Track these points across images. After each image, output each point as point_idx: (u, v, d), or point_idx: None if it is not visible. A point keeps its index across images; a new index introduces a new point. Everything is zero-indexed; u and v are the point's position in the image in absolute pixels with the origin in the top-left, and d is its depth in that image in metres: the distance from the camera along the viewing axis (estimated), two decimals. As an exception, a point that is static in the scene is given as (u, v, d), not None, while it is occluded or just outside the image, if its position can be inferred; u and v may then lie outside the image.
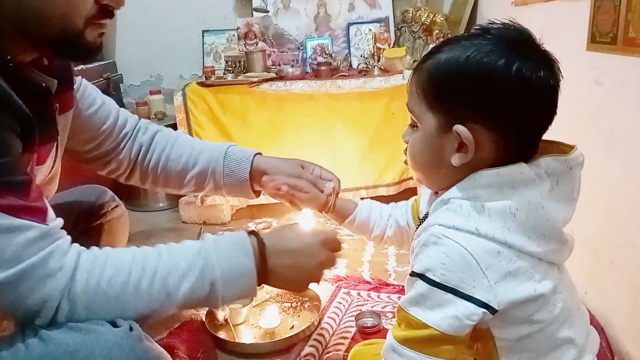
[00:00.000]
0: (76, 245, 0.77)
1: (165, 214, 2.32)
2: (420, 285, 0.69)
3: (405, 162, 0.79)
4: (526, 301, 0.68)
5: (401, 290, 1.51)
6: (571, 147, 0.72)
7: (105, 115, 1.09)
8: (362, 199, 2.06)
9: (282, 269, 0.86)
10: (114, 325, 0.73)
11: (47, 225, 0.73)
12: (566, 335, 0.72)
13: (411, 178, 2.04)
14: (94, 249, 0.78)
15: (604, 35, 1.15)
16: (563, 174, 0.70)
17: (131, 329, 0.74)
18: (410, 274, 0.72)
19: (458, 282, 0.66)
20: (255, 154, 1.10)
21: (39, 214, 0.72)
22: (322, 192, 1.03)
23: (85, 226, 1.23)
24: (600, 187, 1.14)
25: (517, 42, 0.67)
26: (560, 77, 0.69)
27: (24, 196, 0.70)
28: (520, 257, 0.67)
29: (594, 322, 1.01)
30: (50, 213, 0.75)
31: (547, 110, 0.69)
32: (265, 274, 0.84)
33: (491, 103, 0.67)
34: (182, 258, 0.80)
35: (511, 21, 0.70)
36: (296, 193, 1.02)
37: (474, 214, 0.67)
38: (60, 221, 0.77)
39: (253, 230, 0.88)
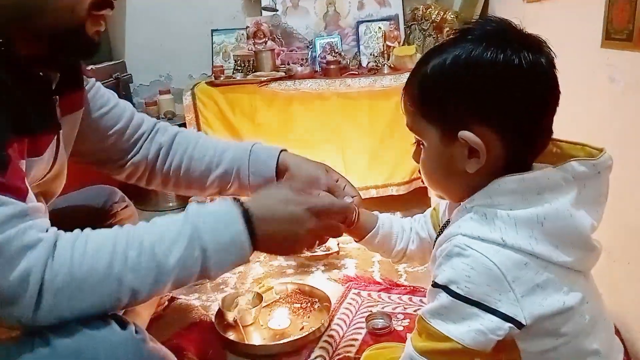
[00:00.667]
0: (55, 227, 0.73)
1: (175, 213, 2.31)
2: (444, 297, 0.66)
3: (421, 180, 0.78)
4: (554, 314, 0.65)
5: (412, 291, 1.50)
6: (599, 150, 0.69)
7: (117, 116, 1.09)
8: (372, 198, 2.06)
9: (271, 235, 0.81)
10: (121, 326, 0.72)
11: (26, 204, 0.70)
12: (592, 347, 0.69)
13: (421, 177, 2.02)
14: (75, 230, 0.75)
15: (619, 32, 1.13)
16: (591, 178, 0.68)
17: (136, 332, 0.73)
18: (432, 285, 0.70)
19: (483, 296, 0.64)
20: (281, 151, 1.08)
21: (18, 194, 0.70)
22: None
23: (95, 227, 1.23)
24: (614, 187, 1.11)
25: (497, 34, 0.66)
26: (552, 54, 0.67)
27: (2, 174, 0.67)
28: (547, 268, 0.65)
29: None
30: (31, 196, 0.73)
31: (547, 90, 0.67)
32: (254, 239, 0.79)
33: (487, 99, 0.65)
34: (167, 227, 0.76)
35: (488, 17, 0.70)
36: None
37: (500, 223, 0.65)
38: (41, 206, 0.75)
39: (236, 198, 0.83)
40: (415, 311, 1.39)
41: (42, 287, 0.67)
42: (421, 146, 0.74)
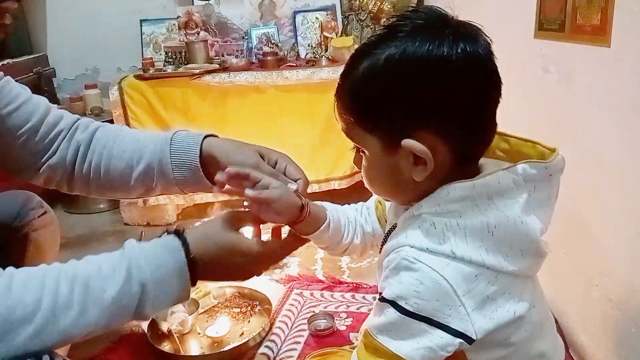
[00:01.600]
0: None
1: (105, 216, 2.19)
2: (391, 313, 0.63)
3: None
4: (505, 325, 0.62)
5: (355, 288, 1.47)
6: (552, 150, 0.66)
7: (28, 114, 0.96)
8: (314, 193, 2.02)
9: (213, 268, 0.76)
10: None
11: None
12: (538, 350, 0.68)
13: (363, 170, 2.00)
14: None
15: (551, 22, 1.13)
16: (542, 180, 0.65)
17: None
18: (379, 299, 0.66)
19: (433, 311, 0.60)
20: (206, 136, 0.93)
21: None
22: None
23: (7, 238, 1.12)
24: (551, 178, 1.13)
25: (429, 27, 0.61)
26: (489, 43, 0.62)
27: None
28: (498, 278, 0.62)
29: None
30: None
31: (488, 81, 0.63)
32: (196, 271, 0.74)
33: (428, 101, 0.60)
34: (103, 261, 0.70)
35: (417, 8, 0.65)
36: (262, 208, 0.77)
37: (449, 234, 0.61)
38: None
39: (176, 230, 0.77)
40: (358, 309, 1.37)
41: None
42: (361, 153, 0.69)
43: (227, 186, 0.79)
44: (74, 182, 1.01)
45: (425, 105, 0.61)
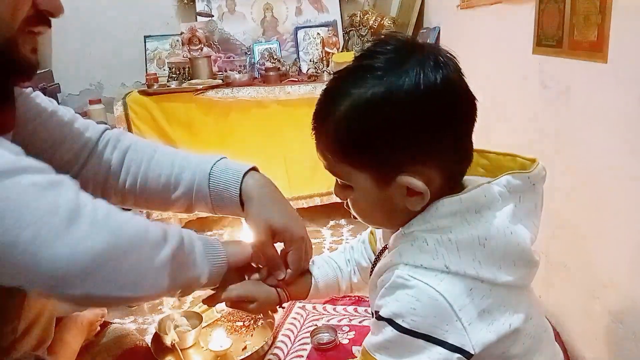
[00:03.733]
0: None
1: (109, 229, 2.20)
2: (389, 331, 0.63)
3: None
4: (501, 338, 0.63)
5: (357, 302, 1.47)
6: (532, 161, 0.67)
7: (58, 123, 0.96)
8: (316, 206, 2.03)
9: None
10: None
11: None
12: None
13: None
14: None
15: (549, 39, 1.15)
16: (526, 191, 0.66)
17: None
18: (376, 317, 0.66)
19: (430, 327, 0.60)
20: (246, 173, 0.94)
21: None
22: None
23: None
24: (549, 192, 1.14)
25: (402, 60, 0.60)
26: (456, 61, 0.62)
27: None
28: (492, 291, 0.62)
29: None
30: None
31: (465, 102, 0.63)
32: None
33: (416, 136, 0.60)
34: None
35: (382, 40, 0.64)
36: (243, 307, 0.88)
37: (442, 249, 0.62)
38: None
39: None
40: (360, 322, 1.37)
41: (78, 213, 0.64)
42: (347, 188, 0.67)
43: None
44: (109, 198, 0.99)
45: (416, 139, 0.61)
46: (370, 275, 0.74)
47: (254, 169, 0.96)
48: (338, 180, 0.68)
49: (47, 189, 0.64)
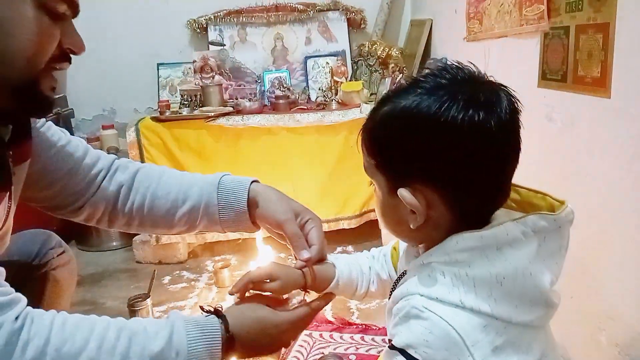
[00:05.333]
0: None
1: (118, 253, 2.23)
2: None
3: None
4: None
5: (364, 330, 1.48)
6: (561, 203, 0.67)
7: (69, 155, 1.00)
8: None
9: (249, 342, 0.81)
10: None
11: None
12: None
13: (372, 210, 2.02)
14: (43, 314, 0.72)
15: (554, 73, 1.18)
16: (551, 232, 0.65)
17: None
18: (389, 347, 0.67)
19: None
20: (252, 182, 0.99)
21: None
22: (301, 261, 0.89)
23: (28, 276, 1.15)
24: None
25: (449, 87, 0.62)
26: (511, 112, 0.62)
27: None
28: (507, 329, 0.62)
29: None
30: None
31: (490, 153, 0.62)
32: (232, 345, 0.79)
33: (425, 157, 0.62)
34: (148, 323, 0.76)
35: (447, 65, 0.66)
36: (265, 287, 0.85)
37: (458, 284, 0.62)
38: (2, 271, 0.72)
39: (215, 309, 0.82)
40: (367, 351, 1.37)
41: (16, 342, 0.66)
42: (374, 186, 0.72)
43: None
44: (115, 220, 1.05)
45: (423, 161, 0.63)
46: (389, 298, 0.75)
47: (256, 181, 1.00)
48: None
49: None
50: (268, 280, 0.83)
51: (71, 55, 0.79)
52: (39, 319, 0.69)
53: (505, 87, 0.65)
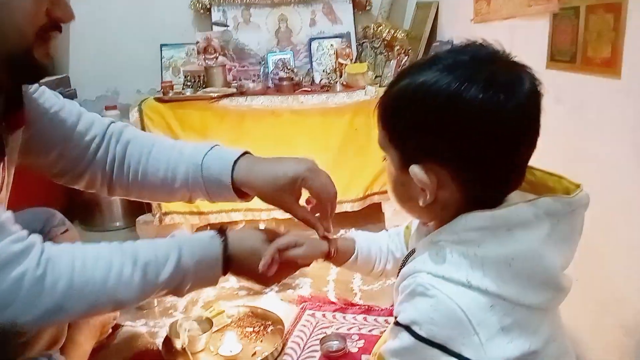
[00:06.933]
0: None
1: (121, 233, 2.23)
2: (405, 337, 0.63)
3: None
4: (518, 358, 0.62)
5: (367, 311, 1.48)
6: (576, 186, 0.67)
7: (62, 121, 1.00)
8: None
9: (243, 267, 0.91)
10: None
11: None
12: None
13: (376, 193, 2.02)
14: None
15: (562, 54, 1.16)
16: (564, 215, 0.65)
17: None
18: (394, 323, 0.67)
19: (446, 339, 0.61)
20: (235, 162, 0.97)
21: None
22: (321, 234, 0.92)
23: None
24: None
25: (468, 66, 0.61)
26: (531, 93, 0.62)
27: None
28: (514, 310, 0.62)
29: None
30: None
31: (511, 132, 0.61)
32: (229, 265, 0.90)
33: (439, 136, 0.61)
34: (158, 248, 0.86)
35: (468, 42, 0.65)
36: (290, 258, 0.89)
37: (466, 263, 0.61)
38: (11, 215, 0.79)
39: (221, 228, 0.93)
40: (370, 331, 1.38)
41: (42, 287, 0.74)
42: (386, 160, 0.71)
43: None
44: (113, 191, 1.08)
45: (438, 139, 0.62)
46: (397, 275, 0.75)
47: (246, 153, 1.02)
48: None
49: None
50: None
51: (61, 25, 0.81)
52: (59, 263, 0.76)
53: (529, 68, 0.63)
